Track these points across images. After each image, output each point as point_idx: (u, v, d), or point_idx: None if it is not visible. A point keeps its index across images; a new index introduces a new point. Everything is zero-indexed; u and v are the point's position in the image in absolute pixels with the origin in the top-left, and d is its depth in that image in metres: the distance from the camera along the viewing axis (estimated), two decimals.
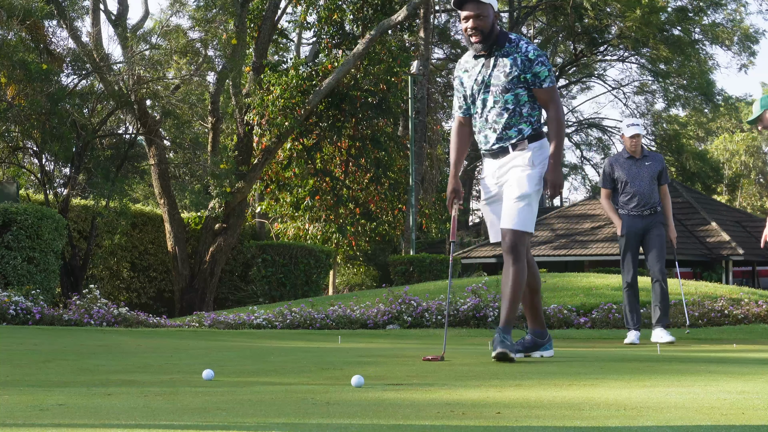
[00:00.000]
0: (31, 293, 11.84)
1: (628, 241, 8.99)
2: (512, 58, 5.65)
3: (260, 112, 22.12)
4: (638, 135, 9.02)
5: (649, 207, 9.00)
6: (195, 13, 20.58)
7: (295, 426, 3.01)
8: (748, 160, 55.64)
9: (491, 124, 5.72)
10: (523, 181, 5.63)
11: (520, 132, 5.69)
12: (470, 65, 5.81)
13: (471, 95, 5.80)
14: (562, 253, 35.50)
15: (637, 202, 9.00)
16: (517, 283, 5.63)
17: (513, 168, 5.69)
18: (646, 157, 9.13)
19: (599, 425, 2.99)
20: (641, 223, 9.00)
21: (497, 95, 5.68)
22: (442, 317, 11.62)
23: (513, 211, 5.63)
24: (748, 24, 39.33)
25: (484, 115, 5.75)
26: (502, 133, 5.69)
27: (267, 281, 20.29)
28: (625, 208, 9.08)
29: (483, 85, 5.71)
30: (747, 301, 12.31)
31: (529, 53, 5.65)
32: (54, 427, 2.97)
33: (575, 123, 46.61)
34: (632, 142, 9.02)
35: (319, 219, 24.84)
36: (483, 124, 5.77)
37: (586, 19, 36.18)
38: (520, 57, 5.64)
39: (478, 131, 5.82)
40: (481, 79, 5.72)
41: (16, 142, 17.90)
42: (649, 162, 9.08)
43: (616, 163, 9.16)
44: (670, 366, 5.58)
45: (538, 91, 5.68)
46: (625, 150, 9.10)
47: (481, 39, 5.62)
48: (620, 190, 9.09)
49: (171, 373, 4.98)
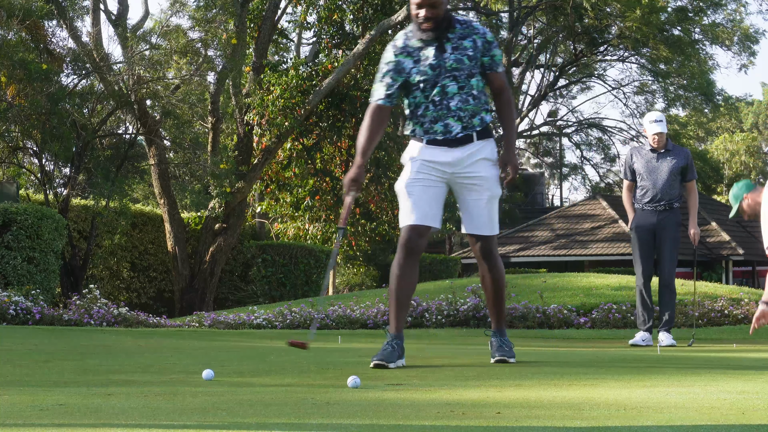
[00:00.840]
0: (31, 293, 11.84)
1: (638, 236, 8.74)
2: (471, 41, 5.29)
3: (260, 112, 22.11)
4: (660, 134, 8.71)
5: (665, 203, 8.70)
6: (195, 13, 20.57)
7: (295, 426, 3.01)
8: (748, 160, 55.66)
9: (455, 112, 5.30)
10: (494, 182, 5.39)
11: (482, 120, 5.39)
12: (413, 48, 5.31)
13: (421, 81, 5.29)
14: (562, 253, 35.49)
15: (651, 197, 8.72)
16: (501, 283, 5.59)
17: (482, 161, 5.36)
18: (670, 151, 8.78)
19: (599, 425, 2.99)
20: (654, 219, 8.70)
21: (462, 80, 5.28)
22: (443, 317, 11.62)
23: (488, 216, 5.41)
24: (748, 24, 39.33)
25: (443, 102, 5.29)
26: (467, 122, 5.33)
27: (267, 281, 20.29)
28: (639, 202, 8.81)
29: (440, 70, 5.26)
30: (747, 301, 12.30)
31: (486, 35, 5.33)
32: (54, 427, 2.97)
33: (575, 123, 46.59)
34: (654, 138, 8.74)
35: (319, 219, 24.82)
36: (443, 112, 5.30)
37: (586, 19, 36.17)
38: (480, 39, 5.30)
39: (433, 119, 5.32)
40: (437, 63, 5.26)
41: (16, 142, 17.89)
42: (671, 156, 8.74)
43: (637, 155, 8.87)
44: (670, 366, 5.58)
45: (493, 75, 5.37)
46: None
47: (433, 27, 5.23)
48: (638, 183, 8.86)
49: (171, 373, 4.98)
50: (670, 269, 8.79)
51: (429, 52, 5.29)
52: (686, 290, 12.52)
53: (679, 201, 8.87)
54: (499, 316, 5.63)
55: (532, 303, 12.08)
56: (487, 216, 5.41)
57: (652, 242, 8.80)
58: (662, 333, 8.73)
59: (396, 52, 5.33)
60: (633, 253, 8.90)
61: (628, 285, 13.69)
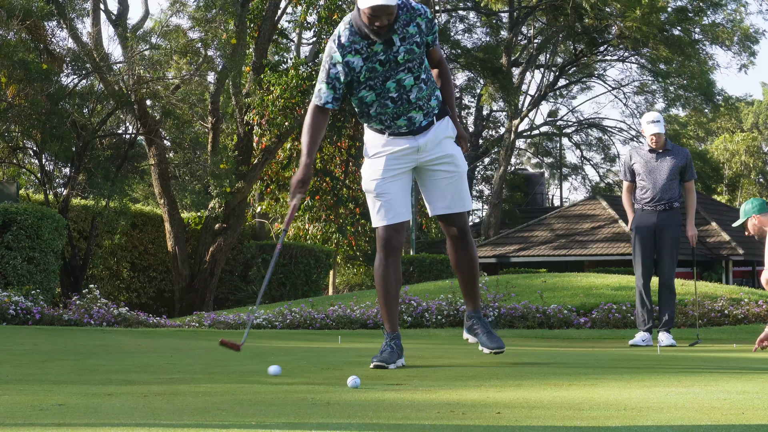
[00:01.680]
0: (31, 293, 11.84)
1: (638, 237, 8.74)
2: (415, 25, 5.03)
3: (260, 112, 22.12)
4: (658, 134, 8.73)
5: (665, 203, 8.71)
6: (195, 13, 20.57)
7: (295, 426, 3.01)
8: (748, 160, 55.64)
9: (415, 103, 5.13)
10: (460, 158, 5.34)
11: (437, 99, 5.25)
12: (360, 45, 5.01)
13: (371, 78, 5.05)
14: (562, 253, 35.50)
15: (651, 197, 8.73)
16: (477, 261, 5.55)
17: (445, 140, 5.28)
18: (669, 151, 8.79)
19: (599, 425, 2.99)
20: (654, 219, 8.71)
21: (416, 70, 5.08)
22: (443, 317, 11.62)
23: (461, 192, 5.36)
24: (748, 24, 39.32)
25: (403, 97, 5.10)
26: (427, 108, 5.19)
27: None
28: (639, 202, 8.82)
29: (392, 64, 5.03)
30: (747, 301, 12.30)
31: (427, 12, 5.07)
32: (54, 427, 2.97)
33: (575, 123, 46.60)
34: (651, 138, 8.77)
35: (319, 219, 24.84)
36: (404, 107, 5.12)
37: (586, 19, 36.17)
38: (423, 20, 5.05)
39: (394, 116, 5.15)
40: (386, 58, 5.02)
41: (16, 142, 17.90)
42: (671, 156, 8.75)
43: (636, 155, 8.88)
44: (670, 366, 5.58)
45: (434, 50, 5.21)
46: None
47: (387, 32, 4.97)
48: (637, 183, 8.89)
49: (171, 373, 4.98)
50: (670, 269, 8.79)
51: (378, 47, 5.01)
52: (686, 290, 12.53)
53: (679, 201, 8.86)
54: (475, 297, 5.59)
55: (532, 303, 12.09)
56: (462, 192, 5.37)
57: (652, 242, 8.79)
58: (662, 333, 8.73)
59: (343, 52, 5.02)
60: (633, 254, 8.90)
61: (628, 285, 13.69)
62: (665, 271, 8.80)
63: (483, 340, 5.54)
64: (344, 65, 5.02)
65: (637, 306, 8.85)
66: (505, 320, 11.48)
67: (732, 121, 57.25)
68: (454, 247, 5.49)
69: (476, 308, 5.60)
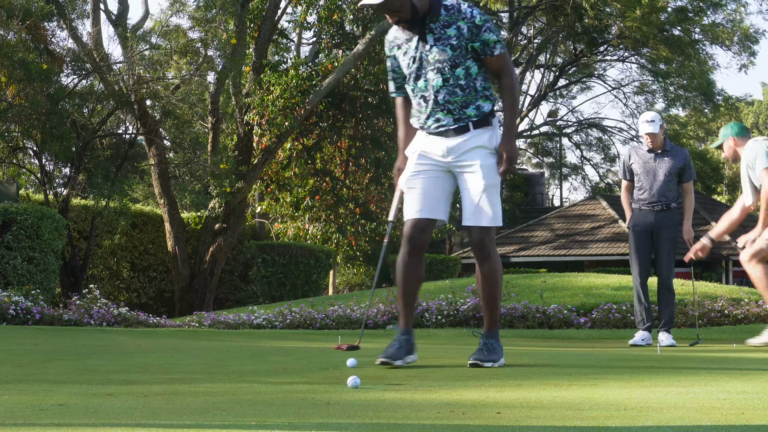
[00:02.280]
0: (31, 293, 11.84)
1: (635, 236, 8.75)
2: (456, 28, 5.04)
3: (260, 112, 22.11)
4: (653, 134, 8.75)
5: (662, 203, 8.72)
6: (195, 13, 20.57)
7: (295, 426, 3.01)
8: None
9: (443, 105, 5.14)
10: (491, 170, 5.14)
11: (479, 109, 5.15)
12: (401, 40, 5.19)
13: (410, 74, 5.18)
14: (562, 253, 35.51)
15: (648, 197, 8.75)
16: (498, 280, 5.28)
17: (478, 149, 5.15)
18: (668, 151, 8.82)
19: (599, 425, 2.99)
20: (651, 219, 8.73)
21: (447, 72, 5.08)
22: (443, 317, 11.62)
23: (483, 206, 5.14)
24: (748, 24, 39.32)
25: (432, 97, 5.14)
26: (459, 113, 5.14)
27: (267, 281, 20.29)
28: (637, 202, 8.85)
29: (422, 63, 5.12)
30: (747, 301, 12.30)
31: (475, 19, 5.03)
32: (54, 427, 2.97)
33: (575, 123, 46.61)
34: (647, 138, 8.80)
35: (319, 219, 24.83)
36: (433, 106, 5.15)
37: (586, 19, 36.18)
38: (466, 24, 5.03)
39: (426, 115, 5.20)
40: (420, 56, 5.12)
41: (16, 142, 17.90)
42: (669, 157, 8.77)
43: (635, 155, 8.90)
44: (670, 366, 5.58)
45: (489, 60, 5.11)
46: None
47: (408, 25, 5.08)
48: (635, 183, 8.89)
49: (171, 373, 4.98)
50: (669, 269, 8.79)
51: (413, 44, 5.15)
52: (686, 290, 12.52)
53: (677, 201, 8.87)
54: (488, 317, 5.31)
55: (532, 303, 12.09)
56: (480, 206, 5.14)
57: (649, 242, 8.81)
58: (662, 333, 8.73)
59: (389, 45, 5.28)
60: (630, 253, 8.90)
61: (628, 285, 13.69)
62: (663, 271, 8.79)
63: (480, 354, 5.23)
64: (391, 59, 5.31)
65: (636, 305, 8.86)
66: (505, 320, 11.47)
67: (732, 121, 57.22)
68: (475, 261, 5.32)
69: (488, 328, 5.29)
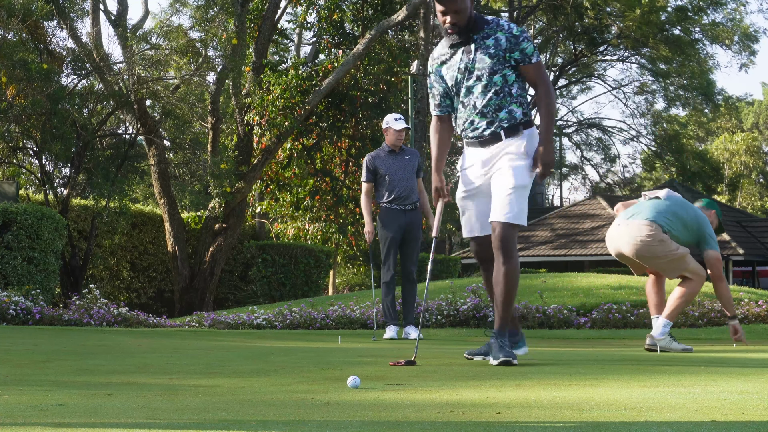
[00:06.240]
0: (31, 293, 11.84)
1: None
2: (494, 39, 5.39)
3: (260, 112, 22.10)
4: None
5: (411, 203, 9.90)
6: (195, 13, 20.59)
7: (295, 426, 3.01)
8: (748, 160, 55.65)
9: (480, 109, 5.44)
10: (517, 172, 5.38)
11: (510, 113, 5.44)
12: (447, 56, 5.54)
13: (455, 85, 5.51)
14: (562, 253, 35.51)
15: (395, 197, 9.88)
16: (512, 281, 5.37)
17: (506, 155, 5.42)
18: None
19: (599, 425, 2.99)
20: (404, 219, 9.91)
21: (485, 78, 5.41)
22: (443, 317, 11.62)
23: (506, 203, 5.35)
24: (748, 23, 39.37)
25: (471, 102, 5.47)
26: (492, 116, 5.43)
27: (267, 281, 20.29)
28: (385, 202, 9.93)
29: (467, 72, 5.44)
30: (747, 301, 12.30)
31: (513, 30, 5.41)
32: (54, 427, 2.97)
33: (575, 123, 46.60)
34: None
35: (319, 219, 24.82)
36: (471, 111, 5.48)
37: (586, 19, 36.20)
38: (504, 35, 5.39)
39: (465, 120, 5.52)
40: (464, 66, 5.45)
41: (16, 142, 17.90)
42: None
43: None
44: (670, 366, 5.58)
45: (526, 69, 5.46)
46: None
47: (459, 32, 5.42)
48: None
49: (171, 373, 4.98)
50: (414, 263, 9.64)
51: (457, 56, 5.48)
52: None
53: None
54: (500, 316, 5.44)
55: (532, 303, 12.09)
56: (505, 203, 5.36)
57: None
58: (409, 327, 9.41)
59: (434, 62, 5.60)
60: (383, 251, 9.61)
61: (628, 285, 13.70)
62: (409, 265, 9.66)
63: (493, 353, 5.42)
64: (437, 74, 5.60)
65: (383, 303, 9.55)
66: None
67: (732, 121, 57.27)
68: (495, 259, 5.45)
69: (498, 327, 5.43)
